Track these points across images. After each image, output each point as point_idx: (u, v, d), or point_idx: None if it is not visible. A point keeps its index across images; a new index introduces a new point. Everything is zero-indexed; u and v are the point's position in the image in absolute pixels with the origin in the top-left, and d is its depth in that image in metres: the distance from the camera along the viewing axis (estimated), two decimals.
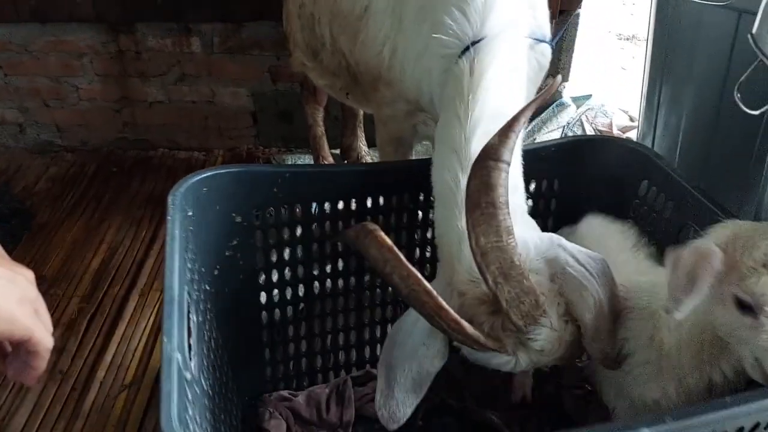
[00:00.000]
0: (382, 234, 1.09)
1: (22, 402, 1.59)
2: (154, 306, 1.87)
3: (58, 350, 1.72)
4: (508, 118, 1.07)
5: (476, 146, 1.13)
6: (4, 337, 0.70)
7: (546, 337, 1.06)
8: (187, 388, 0.89)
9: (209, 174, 1.30)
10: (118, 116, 2.64)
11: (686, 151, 1.85)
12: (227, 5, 2.37)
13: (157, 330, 1.79)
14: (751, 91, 1.23)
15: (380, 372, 1.15)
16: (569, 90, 2.64)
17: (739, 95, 1.09)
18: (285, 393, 1.56)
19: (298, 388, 1.58)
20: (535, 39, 1.39)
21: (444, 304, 1.02)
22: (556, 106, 2.56)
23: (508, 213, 1.02)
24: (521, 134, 1.21)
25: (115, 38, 2.46)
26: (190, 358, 0.96)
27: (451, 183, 1.17)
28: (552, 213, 1.56)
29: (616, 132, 2.46)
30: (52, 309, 1.84)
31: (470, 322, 1.05)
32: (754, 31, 1.04)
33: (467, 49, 1.23)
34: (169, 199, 1.20)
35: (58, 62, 2.52)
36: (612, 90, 2.73)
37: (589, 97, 2.64)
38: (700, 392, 1.00)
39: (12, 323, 0.70)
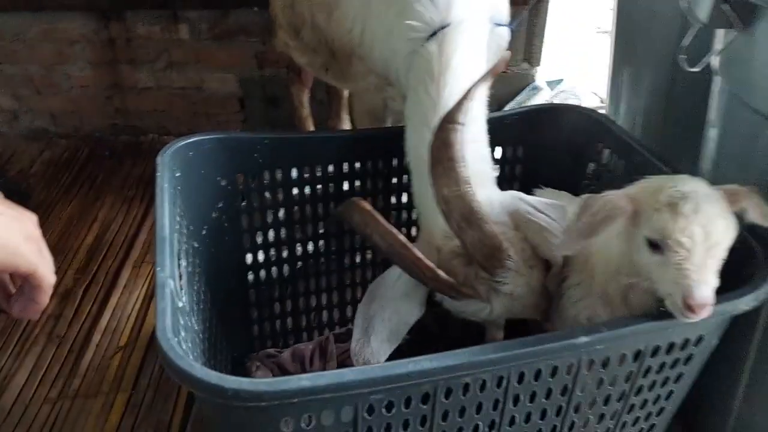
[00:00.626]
0: (364, 202, 1.20)
1: (22, 363, 1.70)
2: (147, 276, 1.97)
3: (55, 317, 1.83)
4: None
5: None
6: (10, 269, 0.74)
7: (513, 280, 1.17)
8: (179, 314, 0.99)
9: (194, 139, 1.39)
10: (109, 103, 2.73)
11: (645, 127, 1.98)
12: None
13: (150, 298, 1.89)
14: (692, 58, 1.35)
15: (357, 322, 1.24)
16: (544, 75, 2.76)
17: (683, 56, 1.20)
18: (271, 350, 1.67)
19: (284, 346, 1.69)
20: (495, 24, 1.50)
21: (419, 254, 1.13)
22: (531, 89, 2.68)
23: (465, 166, 1.13)
24: (483, 109, 1.35)
25: (106, 26, 2.56)
26: (181, 290, 1.06)
27: (426, 156, 1.26)
28: (517, 177, 1.66)
29: None
30: None
31: (448, 273, 1.16)
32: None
33: (434, 33, 1.34)
34: (158, 159, 1.30)
35: (51, 50, 2.61)
36: (585, 75, 2.85)
37: (561, 81, 2.76)
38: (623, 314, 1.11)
39: (18, 256, 0.73)
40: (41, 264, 0.76)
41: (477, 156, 1.28)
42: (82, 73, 2.66)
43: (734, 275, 1.08)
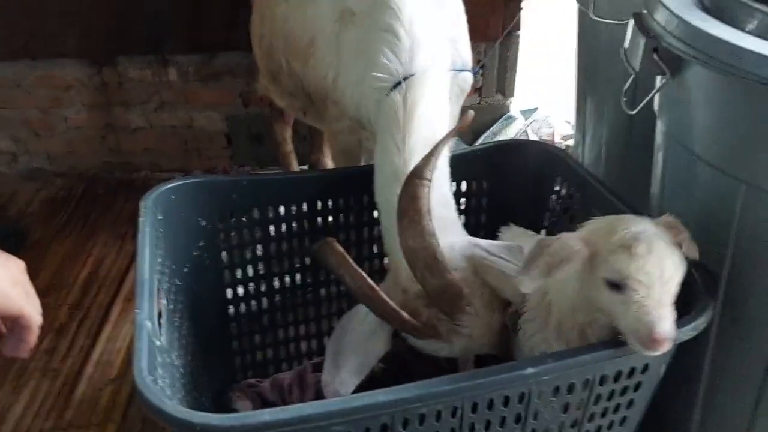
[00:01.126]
0: (337, 244, 1.31)
1: (19, 396, 1.78)
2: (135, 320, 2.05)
3: (49, 351, 1.91)
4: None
5: None
6: (0, 312, 0.82)
7: (473, 323, 1.27)
8: (157, 353, 1.08)
9: (176, 184, 1.49)
10: (103, 142, 2.85)
11: (609, 159, 2.07)
12: (200, 37, 2.59)
13: None
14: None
15: (328, 354, 1.33)
16: (518, 105, 2.86)
17: (625, 99, 1.29)
18: (253, 381, 1.75)
19: (265, 376, 1.77)
20: (457, 70, 1.61)
21: (385, 297, 1.24)
22: (505, 119, 2.78)
23: (430, 219, 1.24)
24: (445, 158, 1.46)
25: (99, 71, 2.68)
26: (160, 330, 1.15)
27: (394, 202, 1.34)
28: (484, 209, 1.76)
29: (557, 140, 2.69)
30: (44, 316, 2.01)
31: (412, 314, 1.26)
32: (625, 46, 1.25)
33: (399, 83, 1.44)
34: (141, 203, 1.40)
35: (48, 95, 2.73)
36: (558, 104, 2.96)
37: (535, 110, 2.87)
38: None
39: (6, 299, 0.81)
40: (28, 307, 0.84)
41: (441, 201, 1.38)
42: (77, 115, 2.78)
43: (677, 304, 1.17)
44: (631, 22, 1.21)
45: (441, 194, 1.40)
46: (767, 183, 1.03)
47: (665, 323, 0.98)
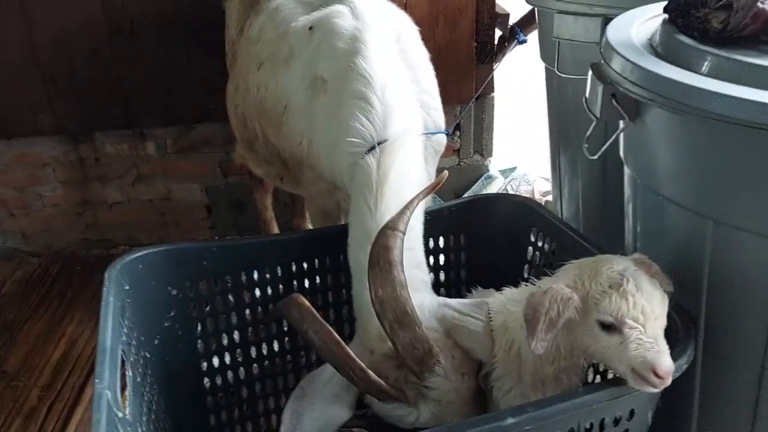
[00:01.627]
0: (302, 298, 1.27)
1: None
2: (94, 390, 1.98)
3: None
4: None
5: None
6: None
7: (441, 386, 1.22)
8: (119, 425, 1.03)
9: (143, 253, 1.47)
10: (80, 219, 2.82)
11: (587, 211, 2.08)
12: (177, 110, 2.62)
13: None
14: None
15: (285, 418, 1.28)
16: (496, 164, 2.89)
17: (586, 146, 1.30)
18: None
19: None
20: (430, 133, 1.63)
21: (351, 353, 1.20)
22: (485, 179, 2.80)
23: (402, 270, 1.22)
24: (419, 219, 1.46)
25: (75, 147, 2.69)
26: (125, 404, 1.09)
27: (365, 264, 1.33)
28: (463, 265, 1.74)
29: (537, 197, 2.70)
30: (14, 400, 1.95)
31: (378, 375, 1.22)
32: (586, 95, 1.27)
33: (373, 148, 1.45)
34: (106, 274, 1.37)
35: (23, 174, 2.72)
36: (537, 161, 2.99)
37: (514, 169, 2.90)
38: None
39: None
40: None
41: (412, 262, 1.36)
42: (53, 192, 2.76)
43: None
44: (590, 72, 1.22)
45: (413, 255, 1.38)
46: (734, 218, 1.02)
47: (665, 357, 0.99)
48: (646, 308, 1.00)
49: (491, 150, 2.83)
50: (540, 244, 1.59)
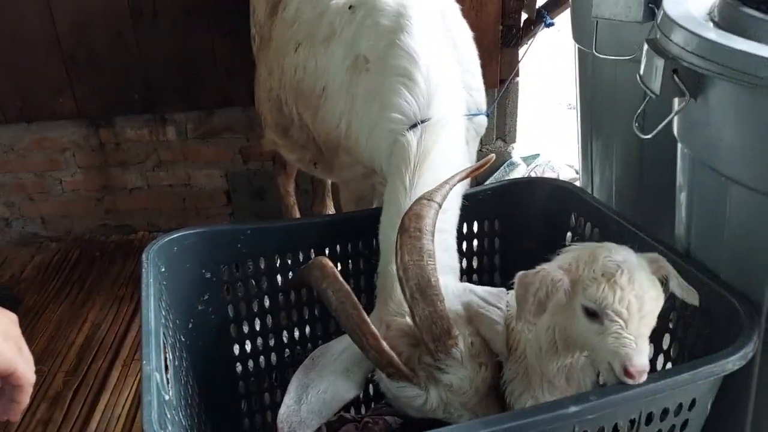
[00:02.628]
0: (326, 260, 1.22)
1: None
2: (136, 375, 1.96)
3: (44, 422, 1.80)
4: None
5: None
6: None
7: (456, 371, 1.16)
8: (165, 408, 1.00)
9: (178, 234, 1.44)
10: (100, 204, 2.79)
11: (620, 199, 2.03)
12: (198, 95, 2.59)
13: (140, 396, 1.86)
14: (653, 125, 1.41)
15: (291, 388, 1.22)
16: (519, 151, 2.85)
17: (636, 125, 1.26)
18: None
19: None
20: (471, 114, 1.59)
21: (366, 318, 1.13)
22: (507, 165, 2.76)
23: (432, 240, 1.16)
24: (455, 203, 1.41)
25: (96, 132, 2.66)
26: (168, 384, 1.06)
27: (393, 237, 1.29)
28: (497, 250, 1.70)
29: None
30: (39, 384, 1.92)
31: (392, 350, 1.15)
32: (640, 72, 1.23)
33: (415, 125, 1.41)
34: (143, 255, 1.33)
35: (43, 158, 2.70)
36: (560, 149, 2.95)
37: (537, 156, 2.85)
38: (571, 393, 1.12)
39: None
40: (20, 363, 0.77)
41: (442, 245, 1.31)
42: (72, 177, 2.74)
43: (720, 336, 1.11)
44: (645, 47, 1.18)
45: (443, 238, 1.33)
46: None
47: (642, 356, 0.97)
48: (632, 304, 0.97)
49: (514, 136, 2.78)
50: (580, 229, 1.55)
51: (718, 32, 1.05)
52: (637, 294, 0.98)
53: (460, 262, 1.66)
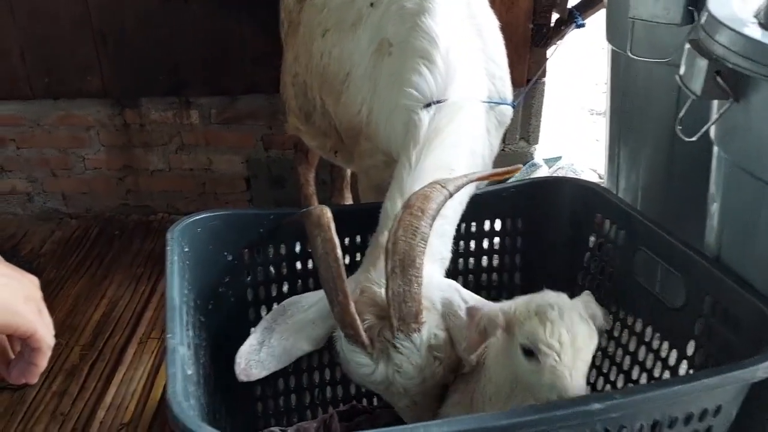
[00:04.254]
0: (326, 209, 1.24)
1: None
2: (152, 352, 1.97)
3: (59, 394, 1.82)
4: (456, 172, 1.27)
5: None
6: (10, 330, 0.75)
7: (408, 355, 1.16)
8: (187, 382, 1.00)
9: (202, 216, 1.44)
10: (121, 184, 2.81)
11: (646, 204, 2.01)
12: (224, 80, 2.59)
13: (155, 373, 1.88)
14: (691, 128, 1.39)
15: (258, 329, 1.27)
16: (541, 153, 2.83)
17: (680, 127, 1.24)
18: (275, 429, 1.64)
19: (288, 424, 1.66)
20: (493, 102, 1.57)
21: (344, 275, 1.15)
22: (529, 167, 2.74)
23: (430, 226, 1.16)
24: (464, 195, 1.39)
25: (121, 112, 2.67)
26: (189, 361, 1.07)
27: (390, 212, 1.32)
28: (518, 249, 1.68)
29: None
30: (55, 357, 1.94)
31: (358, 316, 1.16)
32: (681, 73, 1.21)
33: (429, 105, 1.40)
34: (168, 234, 1.34)
35: (67, 135, 2.71)
36: (582, 153, 2.92)
37: (559, 158, 2.83)
38: None
39: (18, 316, 0.74)
40: (40, 326, 0.77)
41: (438, 230, 1.30)
42: (95, 155, 2.75)
43: (747, 344, 1.09)
44: (687, 47, 1.16)
45: (440, 224, 1.31)
46: None
47: (578, 390, 0.99)
48: (564, 337, 1.01)
49: (538, 137, 2.76)
50: (605, 231, 1.53)
51: (765, 33, 1.03)
52: (567, 327, 1.02)
53: (479, 260, 1.68)
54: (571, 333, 1.02)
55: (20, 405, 1.77)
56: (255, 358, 1.20)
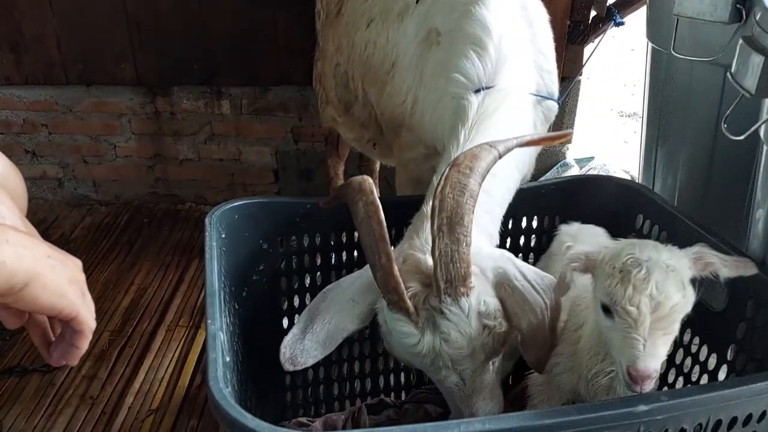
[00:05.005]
0: (368, 177, 1.16)
1: (55, 424, 1.68)
2: (181, 340, 1.97)
3: (89, 378, 1.83)
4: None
5: None
6: (55, 312, 0.75)
7: (456, 322, 1.07)
8: (226, 369, 0.99)
9: (240, 203, 1.43)
10: (150, 172, 2.83)
11: (683, 206, 1.96)
12: (255, 70, 2.59)
13: (183, 361, 1.89)
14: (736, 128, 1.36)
15: (301, 318, 1.21)
16: (572, 153, 2.80)
17: (725, 125, 1.21)
18: (303, 419, 1.63)
19: (316, 415, 1.65)
20: (540, 96, 1.55)
21: (386, 235, 1.07)
22: (561, 166, 2.71)
23: (480, 184, 1.08)
24: (513, 175, 1.36)
25: (153, 100, 2.68)
26: (227, 346, 1.06)
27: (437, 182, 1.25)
28: None
29: None
30: None
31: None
32: (732, 70, 1.18)
33: (478, 91, 1.38)
34: (207, 219, 1.34)
35: (99, 122, 2.73)
36: (614, 154, 2.89)
37: (591, 158, 2.79)
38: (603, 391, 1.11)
39: (63, 297, 0.74)
40: (83, 308, 0.77)
41: (485, 206, 1.25)
42: (126, 143, 2.77)
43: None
44: (741, 43, 1.13)
45: (487, 201, 1.26)
46: None
47: (649, 360, 0.92)
48: (644, 304, 0.92)
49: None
50: (646, 231, 1.51)
51: None
52: (651, 294, 0.93)
53: (516, 256, 1.65)
54: (654, 300, 0.93)
55: (50, 387, 1.78)
56: (299, 347, 1.16)
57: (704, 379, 1.32)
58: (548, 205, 1.62)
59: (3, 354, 1.88)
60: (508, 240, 1.63)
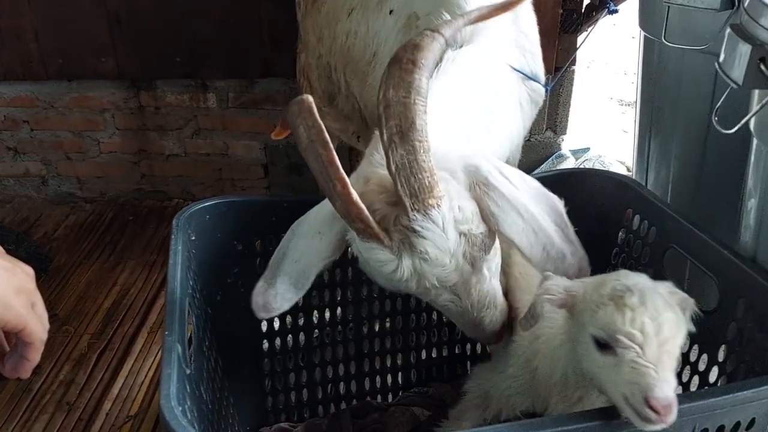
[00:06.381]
0: (309, 96, 1.02)
1: (30, 430, 1.64)
2: (162, 343, 1.92)
3: (66, 383, 1.78)
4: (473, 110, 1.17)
5: None
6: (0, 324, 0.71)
7: (432, 239, 0.96)
8: (186, 381, 0.94)
9: (212, 202, 1.39)
10: (136, 168, 2.77)
11: (676, 200, 1.92)
12: (241, 62, 2.53)
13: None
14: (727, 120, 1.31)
15: (272, 261, 1.12)
16: (568, 144, 2.74)
17: (716, 119, 1.16)
18: (285, 425, 1.59)
19: (299, 419, 1.61)
20: (523, 74, 1.49)
21: (337, 161, 0.95)
22: (556, 158, 2.65)
23: (428, 78, 0.97)
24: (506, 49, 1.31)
25: (136, 94, 2.62)
26: (190, 358, 1.01)
27: None
28: None
29: None
30: (63, 345, 1.91)
31: (367, 208, 0.96)
32: (720, 60, 1.13)
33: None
34: (174, 221, 1.29)
35: (82, 117, 2.68)
36: (610, 144, 2.83)
37: (587, 150, 2.74)
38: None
39: (7, 309, 0.71)
40: (32, 319, 0.73)
41: (452, 104, 1.15)
42: (110, 139, 2.71)
43: None
44: (728, 32, 1.08)
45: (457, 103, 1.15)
46: None
47: (665, 387, 0.83)
48: (647, 326, 0.85)
49: (565, 128, 2.67)
50: (635, 227, 1.46)
51: None
52: (651, 315, 0.86)
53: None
54: (655, 322, 0.86)
55: (26, 393, 1.74)
56: (272, 291, 1.08)
57: (695, 380, 1.28)
58: None
59: None
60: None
